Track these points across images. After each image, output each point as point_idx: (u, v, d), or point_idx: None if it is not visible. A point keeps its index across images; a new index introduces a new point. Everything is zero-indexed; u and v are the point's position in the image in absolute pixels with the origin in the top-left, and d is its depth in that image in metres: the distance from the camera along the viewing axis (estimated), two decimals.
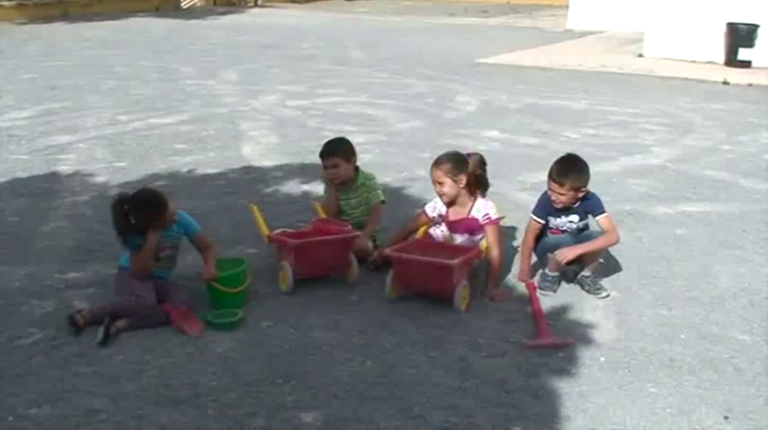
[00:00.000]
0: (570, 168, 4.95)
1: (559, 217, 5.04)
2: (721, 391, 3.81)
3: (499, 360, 4.07)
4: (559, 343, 4.25)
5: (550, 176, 4.97)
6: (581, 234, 5.04)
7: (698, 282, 5.11)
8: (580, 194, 4.94)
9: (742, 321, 4.57)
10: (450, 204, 5.04)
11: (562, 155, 5.14)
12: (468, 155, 5.08)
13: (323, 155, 5.46)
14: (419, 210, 5.34)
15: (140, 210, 4.46)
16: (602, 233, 4.93)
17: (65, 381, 3.81)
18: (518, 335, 4.32)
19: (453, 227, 5.08)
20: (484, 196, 5.07)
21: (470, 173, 4.95)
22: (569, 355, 4.13)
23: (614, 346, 4.24)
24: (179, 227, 4.66)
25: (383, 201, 5.55)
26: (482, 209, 4.98)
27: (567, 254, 4.79)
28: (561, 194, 4.91)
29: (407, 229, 5.30)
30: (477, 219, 4.98)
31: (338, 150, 5.44)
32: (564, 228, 5.03)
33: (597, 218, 4.98)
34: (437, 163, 4.98)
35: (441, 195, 5.01)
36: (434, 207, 5.14)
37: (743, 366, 4.05)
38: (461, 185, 4.94)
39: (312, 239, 5.03)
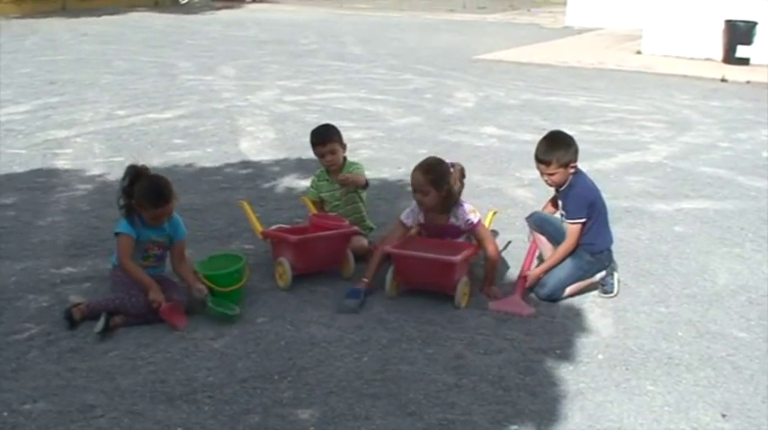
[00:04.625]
0: (555, 145, 4.73)
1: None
2: (719, 389, 3.80)
3: (496, 357, 4.06)
4: (518, 311, 4.48)
5: (535, 158, 4.77)
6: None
7: (696, 280, 5.10)
8: (571, 170, 4.74)
9: (740, 319, 4.56)
10: (428, 211, 4.89)
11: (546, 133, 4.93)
12: (452, 164, 4.89)
13: (320, 142, 5.38)
14: (396, 221, 5.06)
15: (143, 190, 4.40)
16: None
17: (60, 377, 3.79)
18: (515, 333, 4.31)
19: (435, 232, 4.96)
20: (448, 211, 4.85)
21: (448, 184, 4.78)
22: (566, 352, 4.11)
23: (612, 344, 4.23)
24: (170, 226, 4.59)
25: (366, 182, 5.47)
26: (460, 216, 4.84)
27: (532, 277, 4.75)
28: (551, 174, 4.73)
29: (389, 240, 4.93)
30: (458, 226, 4.87)
31: (334, 135, 5.40)
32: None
33: (567, 221, 4.78)
34: (423, 171, 4.74)
35: (420, 203, 4.84)
36: (411, 215, 4.94)
37: (741, 364, 4.04)
38: (443, 195, 4.77)
39: (312, 235, 5.02)
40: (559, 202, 4.91)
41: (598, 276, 4.82)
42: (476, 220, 4.85)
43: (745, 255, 5.54)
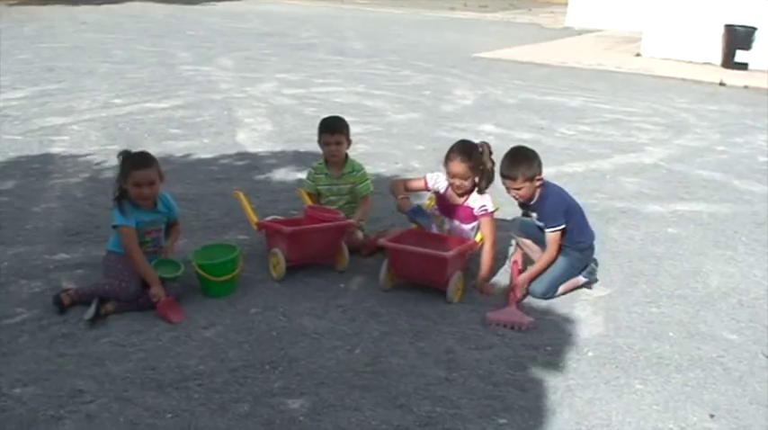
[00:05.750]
0: (519, 160, 4.76)
1: (527, 214, 5.00)
2: (708, 390, 3.82)
3: (487, 352, 4.07)
4: (518, 321, 4.35)
5: (501, 174, 4.79)
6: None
7: (688, 281, 5.12)
8: (537, 184, 4.76)
9: (731, 321, 4.57)
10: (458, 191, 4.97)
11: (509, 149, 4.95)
12: (480, 145, 4.94)
13: (329, 130, 5.39)
14: (422, 176, 5.21)
15: (130, 156, 4.48)
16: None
17: (50, 361, 3.80)
18: (506, 329, 4.31)
19: (447, 210, 5.06)
20: (484, 192, 4.97)
21: (483, 165, 4.90)
22: (557, 349, 4.13)
23: (602, 342, 4.24)
24: (164, 206, 4.64)
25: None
26: (479, 200, 4.94)
27: (521, 282, 4.72)
28: (518, 189, 4.75)
29: (407, 185, 5.19)
30: (471, 209, 4.95)
31: (344, 128, 5.42)
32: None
33: (546, 231, 4.79)
34: (461, 158, 4.81)
35: (459, 188, 4.91)
36: (435, 180, 5.07)
37: (730, 365, 4.06)
38: (478, 176, 4.91)
39: (307, 227, 5.02)
40: (533, 215, 4.93)
41: (582, 279, 4.86)
42: (490, 209, 4.92)
43: (737, 258, 5.56)
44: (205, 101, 10.14)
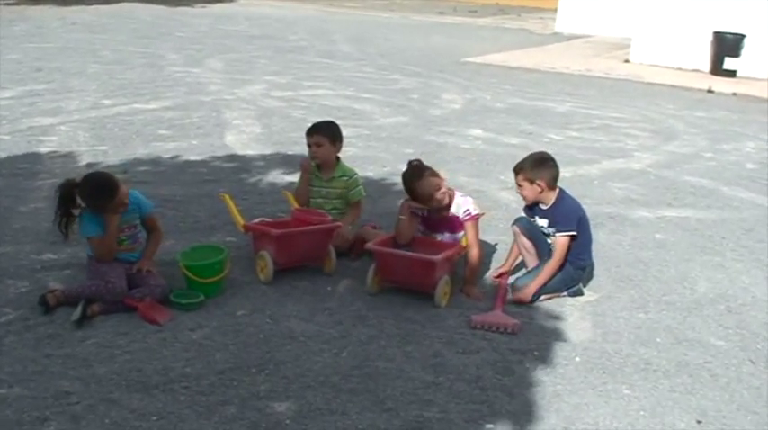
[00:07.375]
0: (527, 159, 4.89)
1: (534, 217, 4.99)
2: (695, 396, 3.83)
3: (474, 356, 4.06)
4: (503, 322, 4.35)
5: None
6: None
7: (675, 287, 5.13)
8: (539, 190, 4.79)
9: (718, 327, 4.58)
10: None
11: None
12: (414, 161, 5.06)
13: (308, 132, 5.42)
14: (402, 201, 5.14)
15: (91, 194, 4.42)
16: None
17: (36, 362, 3.77)
18: (493, 334, 4.31)
19: (434, 227, 5.05)
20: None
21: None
22: (544, 354, 4.13)
23: (590, 347, 4.24)
24: (133, 203, 4.60)
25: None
26: (462, 205, 4.93)
27: (527, 294, 4.70)
28: (518, 185, 4.85)
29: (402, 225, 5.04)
30: (457, 217, 4.95)
31: (324, 129, 5.42)
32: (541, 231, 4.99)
33: (557, 235, 4.80)
34: (431, 173, 4.87)
35: (443, 200, 4.89)
36: (414, 206, 5.00)
37: (718, 371, 4.07)
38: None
39: (295, 230, 5.01)
40: (543, 221, 4.92)
41: (565, 294, 4.86)
42: (473, 212, 4.91)
43: (725, 265, 5.58)
44: (194, 102, 10.11)
